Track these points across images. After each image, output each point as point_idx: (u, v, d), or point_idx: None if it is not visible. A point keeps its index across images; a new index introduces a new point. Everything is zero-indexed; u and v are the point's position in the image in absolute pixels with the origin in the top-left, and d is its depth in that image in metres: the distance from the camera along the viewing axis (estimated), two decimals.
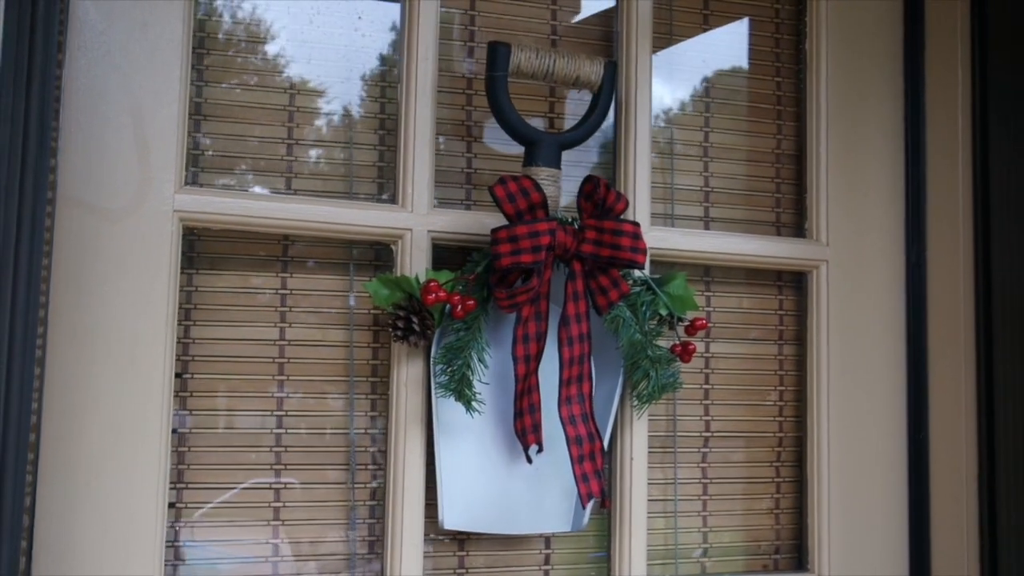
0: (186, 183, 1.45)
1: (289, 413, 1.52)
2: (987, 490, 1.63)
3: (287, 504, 1.51)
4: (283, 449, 1.51)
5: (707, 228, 1.75)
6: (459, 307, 1.41)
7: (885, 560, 1.73)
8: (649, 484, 1.61)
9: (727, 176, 1.78)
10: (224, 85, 1.52)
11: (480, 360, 1.45)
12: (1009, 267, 1.62)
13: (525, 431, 1.49)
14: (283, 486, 1.51)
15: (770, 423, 1.77)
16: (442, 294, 1.41)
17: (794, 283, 1.79)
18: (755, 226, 1.78)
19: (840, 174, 1.76)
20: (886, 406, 1.75)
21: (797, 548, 1.76)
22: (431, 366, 1.47)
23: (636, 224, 1.44)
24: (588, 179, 1.45)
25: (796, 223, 1.80)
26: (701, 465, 1.73)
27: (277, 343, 1.52)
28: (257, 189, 1.53)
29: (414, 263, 1.50)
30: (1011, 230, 1.62)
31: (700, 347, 1.71)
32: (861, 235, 1.76)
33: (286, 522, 1.51)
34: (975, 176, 1.69)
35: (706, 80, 1.79)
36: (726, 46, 1.81)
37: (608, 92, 1.55)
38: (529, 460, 1.50)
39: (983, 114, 1.68)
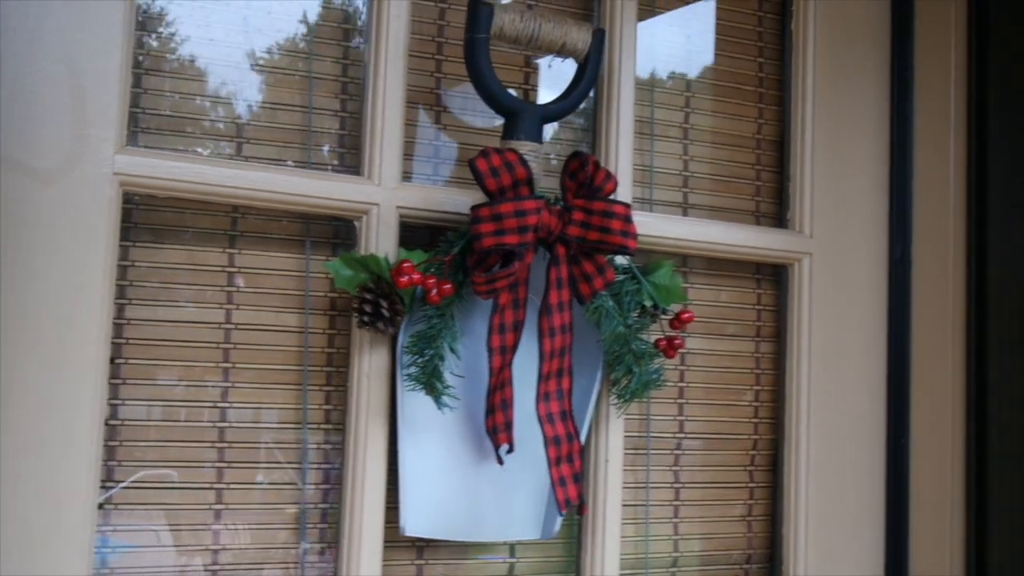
0: (127, 144, 1.28)
1: (234, 405, 1.36)
2: (976, 501, 1.55)
3: (229, 506, 1.35)
4: (227, 445, 1.36)
5: (685, 215, 1.64)
6: (435, 291, 1.28)
7: (863, 571, 1.64)
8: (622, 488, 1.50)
9: (707, 160, 1.67)
10: (171, 35, 1.36)
11: (452, 350, 1.31)
12: (1006, 264, 1.54)
13: (497, 429, 1.35)
14: (225, 486, 1.35)
15: (745, 424, 1.66)
16: (416, 276, 1.27)
17: (773, 276, 1.69)
18: (734, 214, 1.67)
19: (825, 162, 1.66)
20: (867, 408, 1.66)
21: (770, 557, 1.66)
22: (398, 356, 1.33)
23: (627, 206, 1.32)
24: (575, 155, 1.33)
25: (776, 213, 1.70)
26: (673, 468, 1.61)
27: (223, 327, 1.36)
28: (205, 154, 1.36)
29: (381, 241, 1.35)
30: (1010, 225, 1.54)
31: None
32: (846, 228, 1.66)
33: (229, 526, 1.35)
34: (970, 167, 1.60)
35: (688, 58, 1.67)
36: (709, 23, 1.70)
37: (595, 62, 1.42)
38: (500, 461, 1.37)
39: (980, 100, 1.59)
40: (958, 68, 1.64)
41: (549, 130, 1.55)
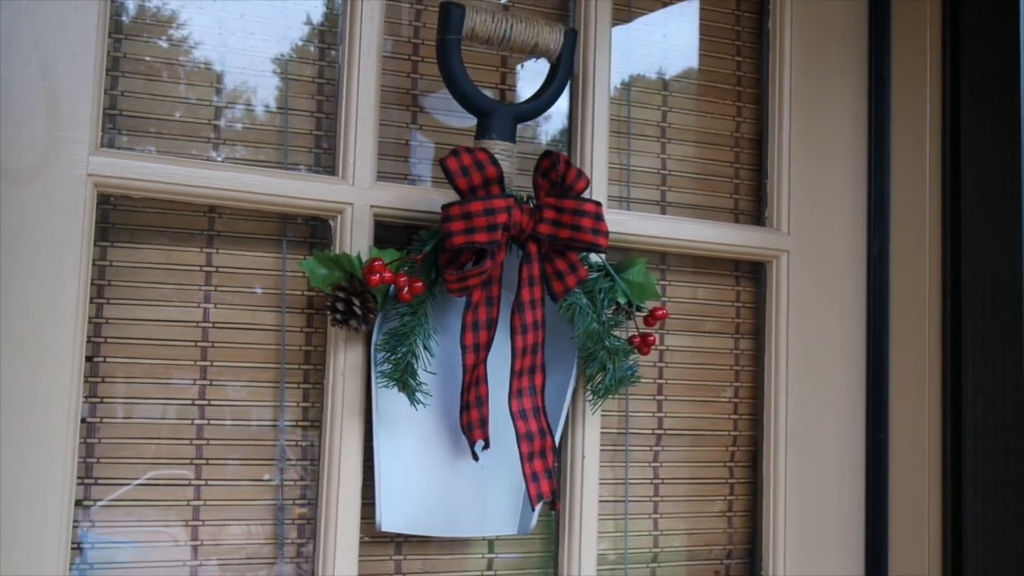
0: (102, 145, 1.30)
1: (212, 402, 1.38)
2: (952, 493, 1.56)
3: (208, 503, 1.37)
4: (205, 442, 1.37)
5: (663, 213, 1.65)
6: (406, 289, 1.29)
7: (842, 566, 1.65)
8: (600, 484, 1.51)
9: (685, 159, 1.68)
10: (146, 38, 1.38)
11: (426, 348, 1.33)
12: (980, 260, 1.55)
13: (472, 426, 1.37)
14: (204, 483, 1.37)
15: (724, 421, 1.67)
16: (387, 275, 1.29)
17: (752, 273, 1.70)
18: (713, 212, 1.68)
19: (803, 160, 1.67)
20: (846, 405, 1.67)
21: (750, 553, 1.67)
22: (372, 353, 1.35)
23: (598, 204, 1.33)
24: (546, 154, 1.34)
25: (754, 211, 1.71)
26: (653, 464, 1.63)
27: (200, 325, 1.38)
28: (181, 155, 1.38)
29: (355, 241, 1.37)
30: (983, 222, 1.55)
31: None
32: (823, 225, 1.68)
33: (207, 522, 1.37)
34: (944, 164, 1.61)
35: (665, 57, 1.68)
36: (687, 22, 1.71)
37: (568, 62, 1.44)
38: (475, 457, 1.38)
39: (954, 99, 1.60)
40: (933, 67, 1.65)
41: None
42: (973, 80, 1.58)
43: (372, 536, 1.41)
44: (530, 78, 1.57)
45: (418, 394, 1.32)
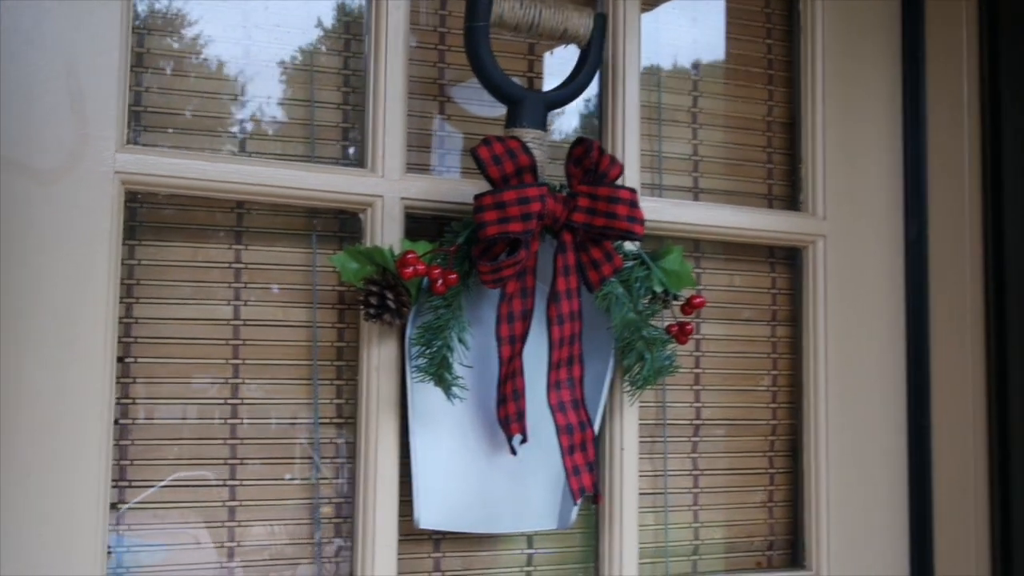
0: (128, 142, 1.28)
1: (245, 401, 1.36)
2: (999, 481, 1.52)
3: (243, 503, 1.35)
4: (238, 441, 1.35)
5: (696, 199, 1.62)
6: (440, 281, 1.27)
7: (886, 556, 1.62)
8: (639, 476, 1.48)
9: (716, 144, 1.65)
10: (170, 32, 1.36)
11: (461, 341, 1.30)
12: (1023, 241, 1.51)
13: (509, 419, 1.34)
14: (239, 483, 1.35)
15: (763, 410, 1.65)
16: (421, 267, 1.26)
17: (788, 259, 1.67)
18: (747, 198, 1.65)
19: (837, 143, 1.64)
20: (887, 391, 1.64)
21: (792, 544, 1.64)
22: (406, 348, 1.32)
23: (633, 191, 1.31)
24: (579, 141, 1.31)
25: (788, 195, 1.68)
26: (691, 455, 1.60)
27: (231, 323, 1.36)
28: (208, 151, 1.36)
29: (385, 233, 1.35)
30: None
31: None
32: (859, 209, 1.64)
33: (242, 523, 1.35)
34: (984, 142, 1.58)
35: (695, 42, 1.65)
36: (716, 6, 1.68)
37: (598, 47, 1.41)
38: (513, 451, 1.36)
39: (992, 75, 1.57)
40: (970, 42, 1.61)
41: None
42: (1011, 54, 1.55)
43: (410, 534, 1.39)
44: (559, 65, 1.55)
45: (454, 388, 1.30)
